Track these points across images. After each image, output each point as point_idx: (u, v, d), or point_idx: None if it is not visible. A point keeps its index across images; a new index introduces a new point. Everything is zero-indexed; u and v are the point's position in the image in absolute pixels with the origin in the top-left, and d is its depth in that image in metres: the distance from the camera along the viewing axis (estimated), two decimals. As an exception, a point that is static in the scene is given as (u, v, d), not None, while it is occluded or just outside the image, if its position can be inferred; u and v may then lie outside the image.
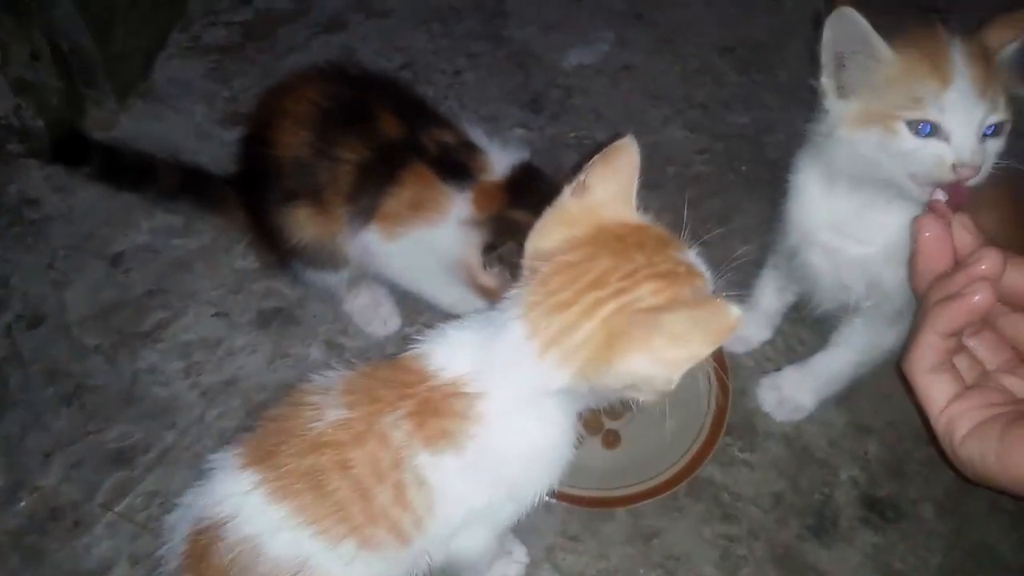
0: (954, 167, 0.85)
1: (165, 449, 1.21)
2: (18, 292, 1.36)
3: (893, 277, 0.99)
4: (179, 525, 0.81)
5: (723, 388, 1.20)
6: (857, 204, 0.98)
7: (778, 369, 1.29)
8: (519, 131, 1.62)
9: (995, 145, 0.88)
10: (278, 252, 1.20)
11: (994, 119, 0.86)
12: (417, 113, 1.16)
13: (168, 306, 1.36)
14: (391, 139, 1.11)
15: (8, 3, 1.37)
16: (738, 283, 1.34)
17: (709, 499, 1.18)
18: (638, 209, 0.74)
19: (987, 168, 0.87)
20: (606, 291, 0.67)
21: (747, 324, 1.31)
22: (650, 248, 0.70)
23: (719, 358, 1.23)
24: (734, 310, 0.63)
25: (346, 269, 1.21)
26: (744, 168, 1.57)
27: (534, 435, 0.76)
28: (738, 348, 1.31)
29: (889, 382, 1.18)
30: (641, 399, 0.70)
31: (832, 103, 0.93)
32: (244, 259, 1.40)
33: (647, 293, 0.67)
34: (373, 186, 1.11)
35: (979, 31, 0.89)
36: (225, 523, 0.75)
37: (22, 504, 1.16)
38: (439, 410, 0.73)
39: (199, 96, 1.65)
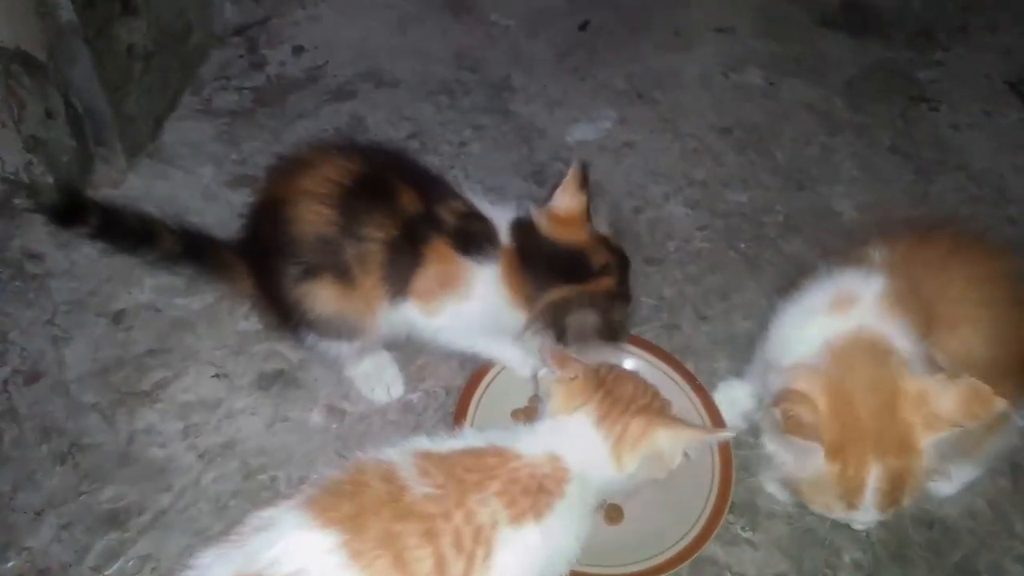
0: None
1: (160, 512, 1.19)
2: (16, 347, 1.35)
3: None
4: None
5: (726, 465, 1.20)
6: None
7: (779, 447, 1.28)
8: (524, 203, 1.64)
9: None
10: (290, 321, 1.19)
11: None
12: (429, 183, 1.18)
13: (168, 366, 1.35)
14: (412, 214, 1.13)
15: (27, 62, 1.39)
16: (740, 359, 1.37)
17: (712, 578, 1.17)
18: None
19: None
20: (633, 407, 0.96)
21: (747, 400, 1.31)
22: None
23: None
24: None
25: (360, 339, 1.21)
26: (743, 246, 1.60)
27: (584, 512, 0.92)
28: (740, 424, 1.31)
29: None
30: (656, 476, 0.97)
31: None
32: (247, 320, 1.40)
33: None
34: (402, 263, 1.12)
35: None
36: None
37: (10, 564, 1.13)
38: (527, 487, 0.87)
39: (208, 158, 1.66)
